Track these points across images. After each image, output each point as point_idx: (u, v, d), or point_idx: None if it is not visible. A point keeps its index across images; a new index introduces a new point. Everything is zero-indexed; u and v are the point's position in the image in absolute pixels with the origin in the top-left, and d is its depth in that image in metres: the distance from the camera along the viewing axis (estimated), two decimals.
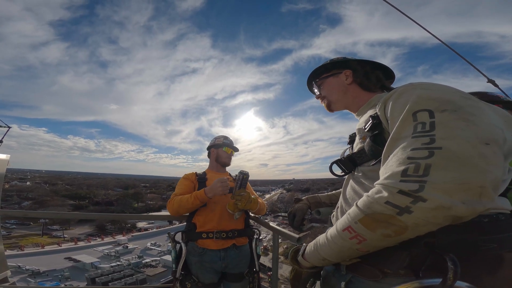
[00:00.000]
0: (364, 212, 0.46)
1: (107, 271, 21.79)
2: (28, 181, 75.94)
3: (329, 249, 0.55)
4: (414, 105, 0.49)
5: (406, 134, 0.48)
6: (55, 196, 55.00)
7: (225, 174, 1.81)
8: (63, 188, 67.53)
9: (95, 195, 62.74)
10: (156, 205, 60.22)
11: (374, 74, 0.80)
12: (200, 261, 1.45)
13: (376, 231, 0.45)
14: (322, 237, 0.59)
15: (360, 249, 0.50)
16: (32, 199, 50.88)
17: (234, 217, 1.54)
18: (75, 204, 52.50)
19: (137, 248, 30.50)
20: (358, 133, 0.71)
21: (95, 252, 27.78)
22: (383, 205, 0.43)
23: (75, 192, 61.67)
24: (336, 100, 0.85)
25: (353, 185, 0.68)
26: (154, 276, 21.71)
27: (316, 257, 0.60)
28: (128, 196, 62.85)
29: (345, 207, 0.69)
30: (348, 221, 0.50)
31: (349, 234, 0.49)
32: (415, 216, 0.41)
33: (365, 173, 0.64)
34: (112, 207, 53.85)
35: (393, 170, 0.45)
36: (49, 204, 47.54)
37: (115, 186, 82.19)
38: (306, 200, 1.06)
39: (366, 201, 0.47)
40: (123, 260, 25.71)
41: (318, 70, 0.89)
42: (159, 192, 74.51)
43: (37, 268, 21.20)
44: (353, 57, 0.84)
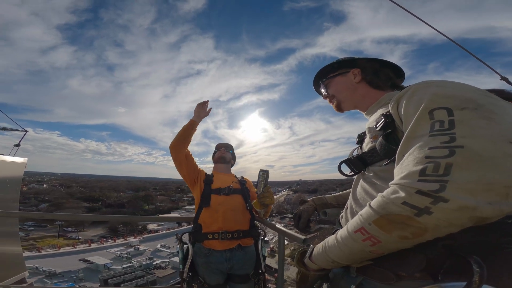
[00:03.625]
0: (379, 213, 0.44)
1: (119, 272, 22.63)
2: (45, 184, 79.59)
3: (339, 251, 0.54)
4: (430, 103, 0.47)
5: (422, 133, 0.45)
6: (70, 199, 57.46)
7: (231, 175, 1.84)
8: (77, 190, 70.26)
9: (107, 197, 64.98)
10: (166, 207, 61.83)
11: (383, 72, 0.78)
12: (207, 262, 1.47)
13: (392, 233, 0.43)
14: (331, 238, 0.57)
15: (374, 251, 0.48)
16: (49, 201, 53.39)
17: (260, 214, 1.59)
18: (89, 206, 54.61)
19: (148, 250, 31.39)
20: (368, 132, 0.69)
21: (107, 254, 28.89)
22: (400, 205, 0.41)
23: (88, 195, 64.03)
24: (345, 99, 0.83)
25: (363, 186, 0.66)
26: (164, 277, 22.29)
27: (325, 259, 0.58)
28: (139, 198, 64.71)
29: (355, 208, 0.67)
30: (361, 222, 0.48)
31: (361, 235, 0.47)
32: (435, 217, 0.39)
33: (377, 173, 0.63)
34: (123, 209, 55.62)
35: (409, 170, 0.43)
36: (64, 206, 49.75)
37: (126, 188, 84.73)
38: (312, 202, 1.04)
39: (380, 201, 0.45)
40: (135, 261, 26.57)
41: (325, 69, 0.87)
42: (168, 194, 76.32)
43: (54, 269, 22.25)
44: (360, 56, 0.83)
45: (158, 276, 22.54)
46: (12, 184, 3.24)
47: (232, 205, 1.59)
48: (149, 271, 24.09)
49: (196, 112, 1.73)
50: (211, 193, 1.62)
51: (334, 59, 0.89)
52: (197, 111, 1.72)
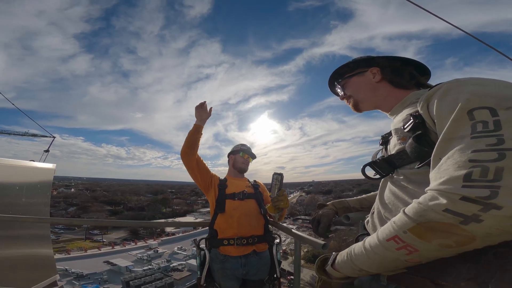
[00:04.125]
0: (416, 220, 0.41)
1: (140, 274, 23.37)
2: (72, 188, 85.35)
3: (367, 259, 0.51)
4: (468, 102, 0.44)
5: (462, 134, 0.42)
6: (95, 202, 61.04)
7: (244, 180, 1.81)
8: (101, 194, 74.49)
9: (128, 200, 68.15)
10: (182, 210, 63.67)
11: (406, 70, 0.74)
12: (222, 268, 1.48)
13: (432, 241, 0.41)
14: (358, 246, 0.54)
15: (410, 260, 0.45)
16: (76, 205, 57.08)
17: (275, 218, 1.56)
18: (112, 210, 57.60)
19: (166, 252, 32.25)
20: (395, 134, 0.65)
21: (129, 256, 30.01)
22: (441, 213, 0.39)
23: (111, 198, 67.67)
24: (364, 99, 0.80)
25: (392, 189, 0.62)
26: (180, 279, 22.81)
27: (350, 267, 0.55)
28: (157, 202, 67.03)
29: (384, 213, 0.63)
30: (394, 230, 0.45)
31: (395, 244, 0.45)
32: (486, 225, 0.36)
33: (408, 176, 0.59)
34: (143, 213, 57.89)
35: (451, 175, 0.40)
36: (90, 210, 52.91)
37: (145, 192, 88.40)
38: (332, 206, 0.99)
39: (417, 208, 0.42)
40: (154, 264, 27.41)
41: (340, 69, 0.84)
42: (184, 197, 78.52)
43: (81, 271, 23.48)
44: (378, 55, 0.80)
45: (175, 278, 23.04)
46: (43, 189, 3.39)
47: (246, 210, 1.59)
48: (167, 273, 24.62)
49: (197, 115, 1.68)
50: (225, 198, 1.61)
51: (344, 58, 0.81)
52: (198, 114, 1.68)
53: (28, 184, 3.15)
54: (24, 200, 3.07)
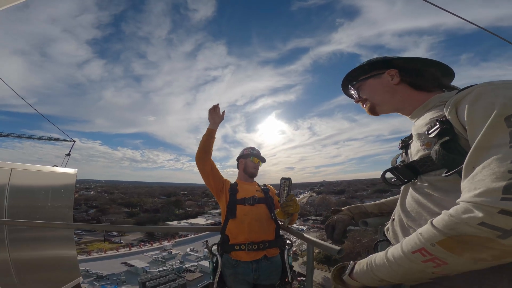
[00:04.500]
0: (446, 234, 0.40)
1: (155, 275, 23.92)
2: (92, 191, 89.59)
3: (390, 270, 0.49)
4: (505, 108, 0.41)
5: (499, 143, 0.40)
6: (113, 204, 63.61)
7: (254, 184, 1.82)
8: (119, 196, 77.57)
9: (144, 203, 70.37)
10: (193, 212, 64.66)
11: (428, 72, 0.70)
12: (234, 273, 1.49)
13: (464, 255, 0.39)
14: (380, 257, 0.51)
15: (438, 272, 0.44)
16: (96, 207, 59.80)
17: (284, 224, 1.55)
18: (129, 212, 59.70)
19: (179, 254, 32.87)
20: (418, 138, 0.61)
21: (145, 257, 30.87)
22: (476, 227, 0.37)
23: (128, 200, 70.18)
24: (381, 102, 0.77)
25: (415, 197, 0.59)
26: (193, 280, 23.15)
27: (371, 278, 0.53)
28: (171, 204, 68.64)
29: (406, 221, 0.60)
30: (420, 243, 0.43)
31: (421, 256, 0.43)
32: None
33: (434, 184, 0.55)
34: (158, 214, 59.54)
35: (488, 186, 0.37)
36: (109, 212, 55.24)
37: (160, 194, 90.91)
38: (348, 211, 0.96)
39: (448, 221, 0.40)
40: (168, 265, 27.98)
41: (355, 72, 0.81)
42: (195, 199, 79.85)
43: (101, 272, 24.47)
44: (395, 56, 0.76)
45: (188, 280, 23.37)
46: (66, 193, 3.55)
47: (257, 215, 1.59)
48: (180, 275, 25.03)
49: (211, 119, 1.68)
50: (236, 203, 1.62)
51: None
52: (211, 118, 1.68)
53: (53, 189, 3.31)
54: (50, 204, 3.23)
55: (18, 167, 2.79)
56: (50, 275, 3.13)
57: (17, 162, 2.82)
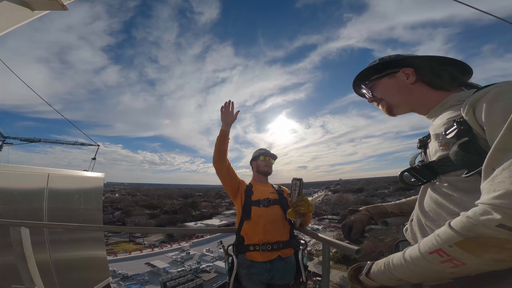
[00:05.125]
0: (464, 235, 0.40)
1: (175, 276, 24.71)
2: (117, 193, 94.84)
3: (408, 270, 0.49)
4: None
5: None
6: (136, 206, 66.82)
7: (268, 185, 1.83)
8: (141, 199, 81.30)
9: (164, 204, 73.05)
10: (208, 213, 66.08)
11: (445, 70, 0.68)
12: (249, 273, 1.52)
13: (483, 256, 0.39)
14: (397, 257, 0.52)
15: (456, 272, 0.44)
16: (121, 209, 63.16)
17: (296, 223, 1.57)
18: (150, 213, 62.33)
19: (196, 254, 33.66)
20: (435, 139, 0.61)
21: (166, 258, 31.96)
22: (495, 228, 0.37)
23: (149, 202, 73.24)
24: (398, 103, 0.74)
25: (434, 197, 0.59)
26: (209, 281, 23.59)
27: (388, 277, 0.53)
28: (188, 205, 70.60)
29: (425, 221, 0.60)
30: (438, 244, 0.43)
31: (439, 257, 0.43)
32: None
33: (454, 184, 0.55)
34: (177, 216, 61.46)
35: (507, 189, 0.37)
36: (132, 214, 58.07)
37: (177, 195, 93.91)
38: (366, 211, 0.93)
39: (466, 223, 0.40)
40: (186, 265, 28.74)
41: (367, 71, 0.79)
42: (210, 200, 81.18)
43: (126, 273, 25.72)
44: (409, 54, 0.74)
45: (204, 280, 23.85)
46: (95, 196, 3.73)
47: (271, 217, 1.61)
48: (197, 275, 25.61)
49: (223, 119, 1.66)
50: (251, 205, 1.64)
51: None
52: (224, 118, 1.65)
53: (85, 192, 3.48)
54: (83, 207, 3.40)
55: (54, 172, 2.96)
56: (84, 275, 3.29)
57: (51, 167, 2.99)
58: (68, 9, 1.79)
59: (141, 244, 40.89)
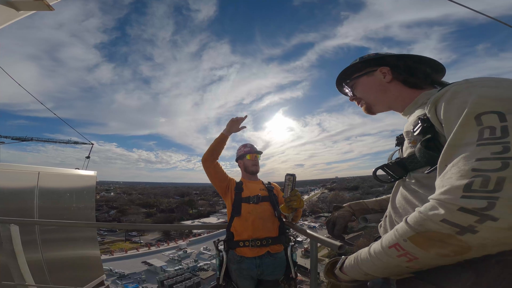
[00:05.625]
0: (415, 229, 0.41)
1: (172, 274, 24.74)
2: (112, 192, 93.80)
3: (372, 264, 0.51)
4: (476, 106, 0.42)
5: (468, 141, 0.41)
6: (132, 205, 66.37)
7: (258, 182, 1.85)
8: (136, 197, 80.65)
9: (160, 203, 72.76)
10: (206, 211, 65.98)
11: (419, 69, 0.70)
12: (239, 268, 1.55)
13: (430, 251, 0.41)
14: (364, 251, 0.54)
15: (411, 266, 0.45)
16: (116, 208, 62.63)
17: (288, 218, 1.60)
18: (147, 212, 62.02)
19: (194, 252, 33.73)
20: (406, 136, 0.63)
21: (163, 256, 31.97)
22: (439, 223, 0.38)
23: (145, 201, 72.90)
24: (375, 101, 0.76)
25: (404, 193, 0.61)
26: (206, 279, 23.70)
27: (357, 272, 0.55)
28: (185, 203, 70.55)
29: (394, 217, 0.61)
30: (396, 238, 0.45)
31: (396, 251, 0.45)
32: (481, 237, 0.36)
33: (420, 180, 0.57)
34: (173, 214, 61.28)
35: (452, 184, 0.39)
36: (128, 212, 57.68)
37: (174, 194, 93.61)
38: (349, 207, 0.97)
39: (417, 217, 0.42)
40: (184, 264, 28.82)
41: (348, 69, 0.81)
42: (207, 198, 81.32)
43: (123, 271, 25.62)
44: (387, 53, 0.75)
45: (202, 278, 23.96)
46: (88, 194, 3.71)
47: (261, 214, 1.63)
48: (195, 273, 25.68)
49: (228, 126, 1.73)
50: (241, 202, 1.67)
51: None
52: (229, 126, 1.73)
53: (76, 191, 3.47)
54: (74, 205, 3.39)
55: (44, 170, 2.95)
56: (77, 273, 3.29)
57: (43, 166, 2.97)
58: (55, 9, 1.77)
59: (137, 243, 40.74)
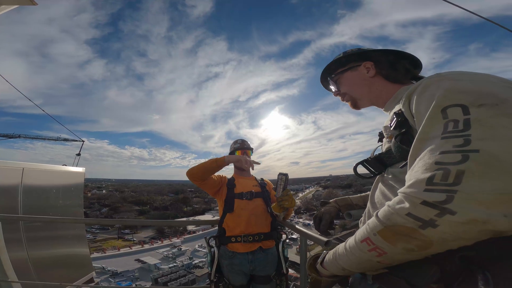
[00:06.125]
0: (383, 223, 0.41)
1: (166, 271, 24.62)
2: (104, 190, 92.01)
3: (347, 259, 0.51)
4: (443, 99, 0.42)
5: (434, 134, 0.41)
6: (124, 203, 65.34)
7: (251, 178, 1.84)
8: (129, 195, 79.39)
9: (154, 200, 71.94)
10: (201, 208, 65.75)
11: (400, 64, 0.71)
12: (231, 264, 1.55)
13: (397, 245, 0.40)
14: (341, 246, 0.54)
15: (381, 261, 0.45)
16: (108, 206, 61.57)
17: (280, 217, 1.59)
18: (140, 210, 61.24)
19: (188, 250, 33.68)
20: (384, 131, 0.64)
21: (157, 254, 31.78)
22: (404, 217, 0.38)
23: (138, 199, 71.84)
24: (361, 96, 0.76)
25: (382, 188, 0.61)
26: (201, 276, 23.54)
27: (335, 267, 0.55)
28: (179, 201, 70.04)
29: (372, 212, 0.62)
30: (367, 232, 0.45)
31: (367, 246, 0.45)
32: (440, 231, 0.35)
33: (396, 175, 0.57)
34: (167, 212, 60.84)
35: (417, 178, 0.39)
36: (120, 210, 56.80)
37: (168, 191, 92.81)
38: (335, 203, 0.99)
39: (386, 211, 0.42)
40: (178, 261, 28.72)
41: (332, 64, 0.81)
42: (202, 196, 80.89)
43: (116, 269, 25.29)
44: (370, 48, 0.77)
45: (197, 275, 23.88)
46: (76, 191, 3.63)
47: (254, 210, 1.64)
48: (190, 271, 25.64)
49: (235, 159, 1.69)
50: (234, 197, 1.66)
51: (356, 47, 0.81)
52: (236, 160, 1.69)
53: (63, 188, 3.39)
54: (61, 202, 3.31)
55: (29, 166, 2.85)
56: (65, 271, 3.24)
57: (30, 163, 2.88)
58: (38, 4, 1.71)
59: (130, 240, 40.25)
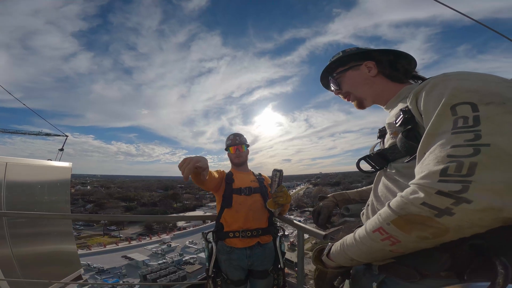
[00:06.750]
0: (397, 213, 0.44)
1: (155, 268, 24.32)
2: (88, 186, 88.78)
3: (357, 249, 0.53)
4: (452, 97, 0.45)
5: (444, 130, 0.44)
6: (110, 199, 63.48)
7: (249, 173, 1.84)
8: (115, 191, 77.26)
9: (141, 196, 70.37)
10: (191, 205, 65.19)
11: (400, 64, 0.75)
12: (229, 259, 1.55)
13: (411, 233, 0.43)
14: (350, 237, 0.56)
15: (394, 250, 0.48)
16: (93, 202, 59.53)
17: (275, 213, 1.60)
18: (126, 206, 59.68)
19: (178, 246, 33.26)
20: (388, 128, 0.66)
21: (145, 251, 31.20)
22: (419, 206, 0.41)
23: (125, 195, 70.05)
24: (365, 95, 0.79)
25: (385, 182, 0.63)
26: (192, 272, 23.52)
27: (343, 257, 0.57)
28: (168, 197, 68.99)
29: (376, 205, 0.64)
30: (379, 222, 0.47)
31: (380, 235, 0.47)
32: (457, 218, 0.38)
33: (400, 170, 0.60)
34: (156, 208, 59.80)
35: (430, 169, 0.41)
36: (106, 206, 55.11)
37: (157, 187, 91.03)
38: (332, 198, 1.01)
39: (399, 201, 0.44)
40: (168, 257, 28.39)
41: (333, 64, 0.83)
42: (193, 192, 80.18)
43: (102, 266, 24.68)
44: (369, 48, 0.79)
45: (188, 272, 23.77)
46: (62, 187, 3.51)
47: (252, 205, 1.64)
48: (180, 267, 25.42)
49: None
50: (232, 193, 1.65)
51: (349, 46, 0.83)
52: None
53: (49, 183, 3.27)
54: (47, 198, 3.19)
55: (13, 161, 2.72)
56: (52, 268, 3.15)
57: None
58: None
59: (116, 237, 39.28)
